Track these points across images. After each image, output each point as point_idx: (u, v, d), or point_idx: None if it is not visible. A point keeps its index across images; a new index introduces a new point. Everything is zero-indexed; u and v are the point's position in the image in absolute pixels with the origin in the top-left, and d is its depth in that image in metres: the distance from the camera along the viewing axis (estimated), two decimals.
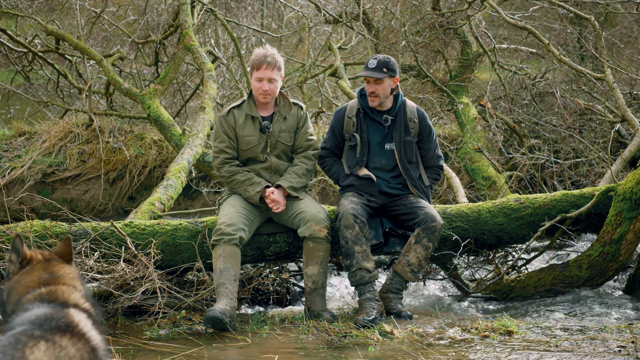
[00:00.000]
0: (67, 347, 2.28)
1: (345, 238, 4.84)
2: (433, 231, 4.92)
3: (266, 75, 4.85)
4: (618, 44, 11.17)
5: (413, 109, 5.17)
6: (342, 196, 5.08)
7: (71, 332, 2.32)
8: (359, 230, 4.83)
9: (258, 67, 4.85)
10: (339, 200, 5.06)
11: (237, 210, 4.86)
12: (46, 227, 4.85)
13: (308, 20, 10.82)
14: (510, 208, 5.47)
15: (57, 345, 2.25)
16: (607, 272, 5.33)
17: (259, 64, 4.84)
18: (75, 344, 2.31)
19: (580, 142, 8.21)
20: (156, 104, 7.63)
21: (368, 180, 5.06)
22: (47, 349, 2.21)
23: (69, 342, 2.29)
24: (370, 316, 4.64)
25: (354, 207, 4.89)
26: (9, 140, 9.92)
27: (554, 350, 4.02)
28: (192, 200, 9.86)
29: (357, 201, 4.96)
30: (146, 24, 9.65)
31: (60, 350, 2.24)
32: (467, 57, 9.05)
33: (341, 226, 4.86)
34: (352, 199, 4.98)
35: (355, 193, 5.06)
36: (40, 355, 2.17)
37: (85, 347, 2.33)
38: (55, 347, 2.24)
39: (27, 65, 10.22)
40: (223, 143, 4.98)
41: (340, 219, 4.88)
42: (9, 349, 2.15)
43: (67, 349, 2.27)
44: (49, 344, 2.23)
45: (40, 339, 2.22)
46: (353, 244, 4.82)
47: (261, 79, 4.86)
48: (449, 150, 8.55)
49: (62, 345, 2.26)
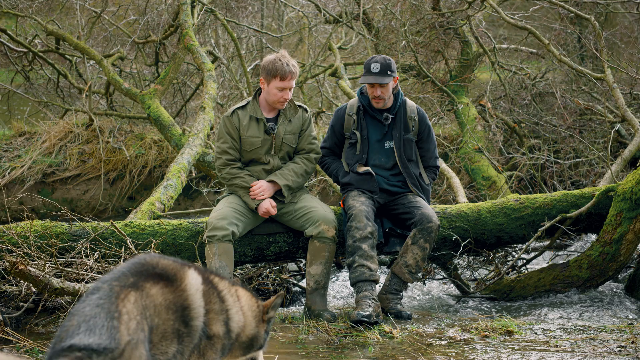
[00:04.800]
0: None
1: (354, 237, 4.82)
2: (429, 232, 4.91)
3: (289, 85, 4.85)
4: (618, 44, 11.17)
5: (413, 108, 5.18)
6: (348, 196, 5.06)
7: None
8: (369, 233, 4.82)
9: (283, 77, 4.80)
10: (346, 201, 5.03)
11: (230, 207, 4.87)
12: (46, 227, 4.85)
13: (308, 20, 10.82)
14: (510, 208, 5.47)
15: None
16: (607, 272, 5.33)
17: (284, 74, 4.79)
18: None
19: (580, 142, 8.21)
20: (156, 104, 7.63)
21: (367, 175, 5.05)
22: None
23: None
24: (365, 311, 4.59)
25: (365, 209, 4.88)
26: (9, 140, 9.93)
27: (554, 350, 4.02)
28: (192, 200, 9.86)
29: (368, 202, 4.95)
30: (146, 24, 9.65)
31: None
32: (467, 57, 9.05)
33: (352, 227, 4.85)
34: (360, 199, 4.96)
35: (360, 192, 5.04)
36: None
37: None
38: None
39: (27, 65, 10.22)
40: (226, 144, 4.98)
41: (352, 220, 4.87)
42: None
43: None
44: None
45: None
46: (360, 242, 4.80)
47: (284, 88, 4.85)
48: (449, 150, 8.55)
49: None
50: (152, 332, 2.43)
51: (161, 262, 2.62)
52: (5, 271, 4.63)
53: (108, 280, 2.46)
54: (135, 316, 2.36)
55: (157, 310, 2.46)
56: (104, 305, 2.34)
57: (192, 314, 2.57)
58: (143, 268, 2.55)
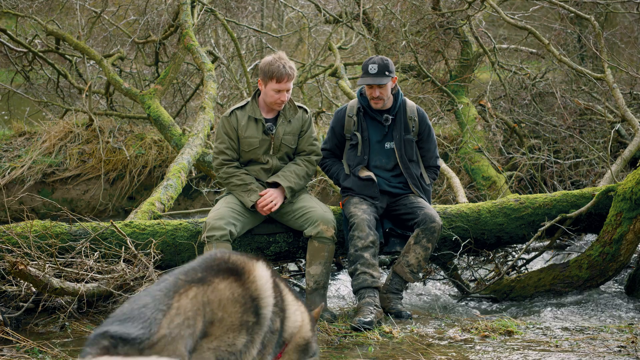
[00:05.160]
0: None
1: (356, 247, 4.83)
2: (432, 232, 4.92)
3: (286, 87, 4.84)
4: (618, 44, 11.17)
5: (413, 108, 5.18)
6: (349, 203, 5.05)
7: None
8: (370, 242, 4.82)
9: (279, 79, 4.79)
10: (347, 207, 5.02)
11: (228, 206, 4.86)
12: (46, 227, 4.85)
13: (308, 20, 10.82)
14: (510, 208, 5.47)
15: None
16: (607, 272, 5.33)
17: (280, 76, 4.78)
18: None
19: (580, 142, 8.21)
20: (156, 104, 7.63)
21: (369, 181, 5.05)
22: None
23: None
24: (366, 318, 4.59)
25: (367, 217, 4.88)
26: (9, 140, 9.93)
27: (554, 350, 4.02)
28: (192, 200, 9.86)
29: (369, 210, 4.95)
30: (146, 24, 9.65)
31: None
32: (467, 57, 9.05)
33: (354, 236, 4.85)
34: (362, 207, 4.96)
35: (361, 199, 5.04)
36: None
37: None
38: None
39: (27, 65, 10.22)
40: (223, 144, 4.98)
41: (354, 229, 4.87)
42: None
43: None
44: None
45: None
46: (362, 251, 4.81)
47: (280, 90, 4.85)
48: (449, 150, 8.55)
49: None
50: (213, 325, 2.48)
51: (232, 257, 2.71)
52: (5, 271, 4.63)
53: (176, 274, 2.53)
54: (187, 312, 2.41)
55: (222, 304, 2.52)
56: (158, 297, 2.39)
57: (262, 303, 2.65)
58: (214, 263, 2.63)
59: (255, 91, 5.04)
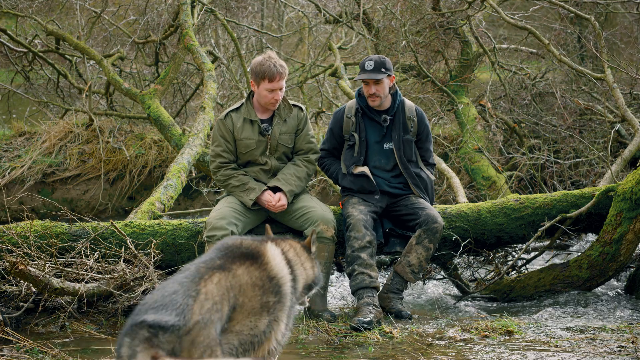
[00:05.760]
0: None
1: (353, 247, 4.84)
2: (434, 232, 4.92)
3: (279, 86, 4.85)
4: (618, 44, 11.17)
5: (412, 108, 5.18)
6: (347, 203, 5.06)
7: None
8: (367, 242, 4.83)
9: (271, 79, 4.80)
10: (346, 208, 5.04)
11: (230, 206, 4.87)
12: (46, 227, 4.85)
13: (308, 20, 10.82)
14: (510, 208, 5.47)
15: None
16: (607, 272, 5.33)
17: (272, 75, 4.80)
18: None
19: (580, 142, 8.21)
20: (156, 104, 7.63)
21: (364, 177, 5.05)
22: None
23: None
24: (366, 318, 4.59)
25: (364, 217, 4.89)
26: (9, 140, 9.93)
27: (554, 350, 4.02)
28: (192, 200, 9.86)
29: (366, 210, 4.95)
30: (146, 24, 9.65)
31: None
32: (467, 57, 9.04)
33: (351, 237, 4.86)
34: (359, 207, 4.97)
35: (359, 199, 5.04)
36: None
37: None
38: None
39: (27, 65, 10.22)
40: (219, 147, 4.99)
41: (351, 230, 4.88)
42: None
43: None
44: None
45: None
46: (359, 252, 4.82)
47: (274, 89, 4.85)
48: (449, 150, 8.55)
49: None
50: (235, 310, 2.57)
51: (244, 242, 2.82)
52: (5, 271, 4.63)
53: (196, 262, 2.62)
54: (214, 297, 2.49)
55: (242, 289, 2.61)
56: (185, 284, 2.46)
57: (281, 282, 2.76)
58: (229, 250, 2.72)
59: (250, 92, 5.04)
